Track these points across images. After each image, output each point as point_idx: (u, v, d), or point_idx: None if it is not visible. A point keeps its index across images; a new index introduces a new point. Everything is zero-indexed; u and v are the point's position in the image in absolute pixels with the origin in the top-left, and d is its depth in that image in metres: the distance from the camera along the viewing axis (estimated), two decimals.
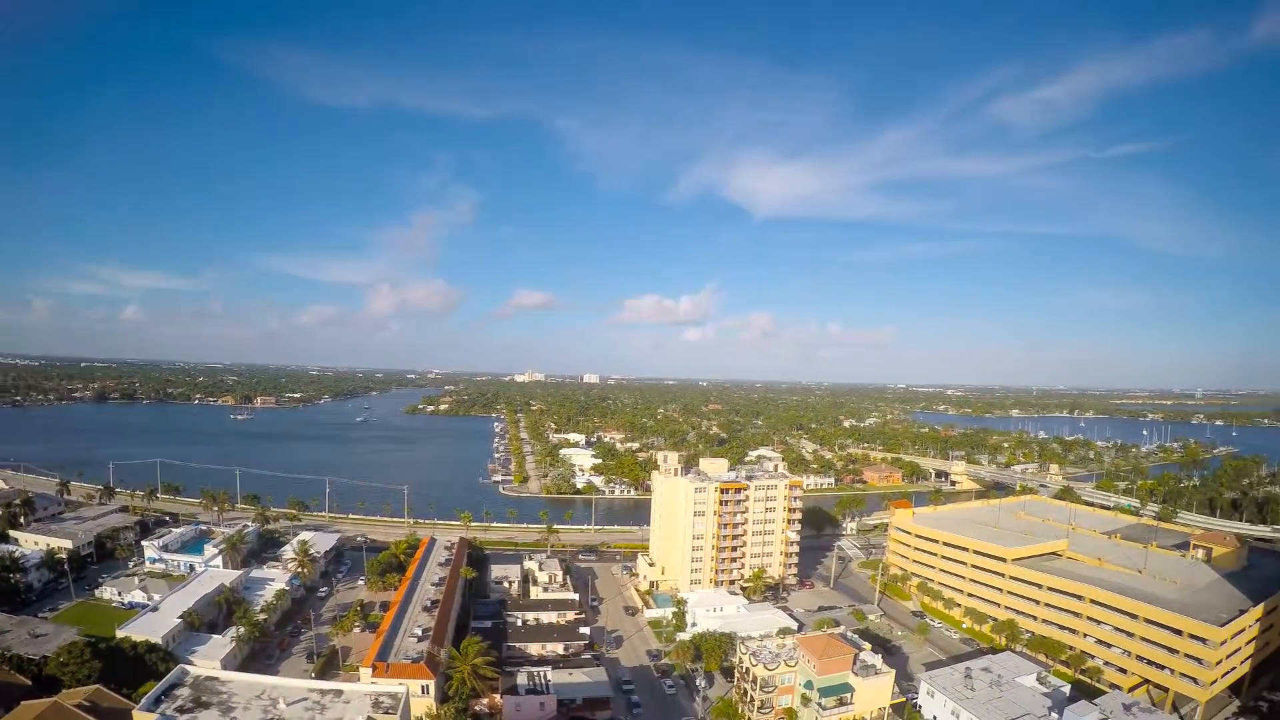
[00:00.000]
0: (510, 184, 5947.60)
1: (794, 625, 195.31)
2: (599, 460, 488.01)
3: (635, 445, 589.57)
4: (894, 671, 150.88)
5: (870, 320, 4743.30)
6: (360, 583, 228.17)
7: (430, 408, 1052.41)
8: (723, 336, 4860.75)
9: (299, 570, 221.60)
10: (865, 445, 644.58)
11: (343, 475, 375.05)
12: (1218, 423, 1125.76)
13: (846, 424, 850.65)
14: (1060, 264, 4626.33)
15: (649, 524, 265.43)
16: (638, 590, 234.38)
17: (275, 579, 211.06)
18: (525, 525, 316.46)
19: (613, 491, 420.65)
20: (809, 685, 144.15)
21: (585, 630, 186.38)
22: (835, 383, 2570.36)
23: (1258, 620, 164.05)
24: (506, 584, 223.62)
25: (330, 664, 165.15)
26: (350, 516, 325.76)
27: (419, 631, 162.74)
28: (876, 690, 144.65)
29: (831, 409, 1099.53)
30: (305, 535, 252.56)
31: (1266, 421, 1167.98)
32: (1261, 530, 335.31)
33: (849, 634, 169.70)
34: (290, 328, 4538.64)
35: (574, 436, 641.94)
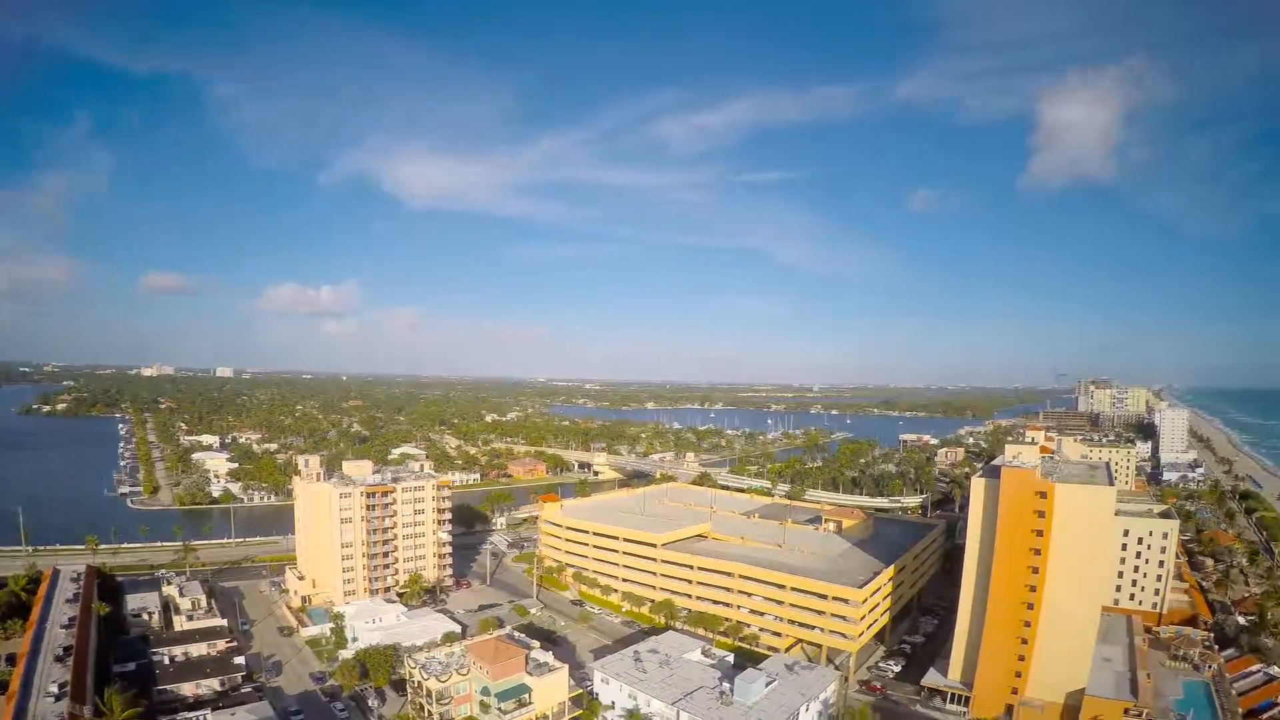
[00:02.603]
0: (153, 149, 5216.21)
1: (457, 629, 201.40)
2: (236, 464, 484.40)
3: (274, 446, 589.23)
4: (566, 665, 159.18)
5: (517, 316, 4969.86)
6: None
7: (46, 407, 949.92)
8: (366, 329, 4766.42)
9: None
10: (509, 439, 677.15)
11: None
12: (834, 412, 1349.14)
13: (489, 418, 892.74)
14: (700, 271, 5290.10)
15: (295, 533, 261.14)
16: (290, 608, 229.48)
17: None
18: (160, 544, 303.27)
19: (252, 499, 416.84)
20: (485, 692, 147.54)
21: (240, 660, 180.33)
22: (477, 377, 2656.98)
23: (890, 579, 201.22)
24: (147, 615, 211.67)
25: None
26: None
27: (55, 689, 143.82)
28: (553, 686, 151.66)
29: (474, 404, 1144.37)
30: None
31: (875, 411, 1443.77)
32: (880, 502, 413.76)
33: (516, 634, 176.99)
34: None
35: (207, 438, 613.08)
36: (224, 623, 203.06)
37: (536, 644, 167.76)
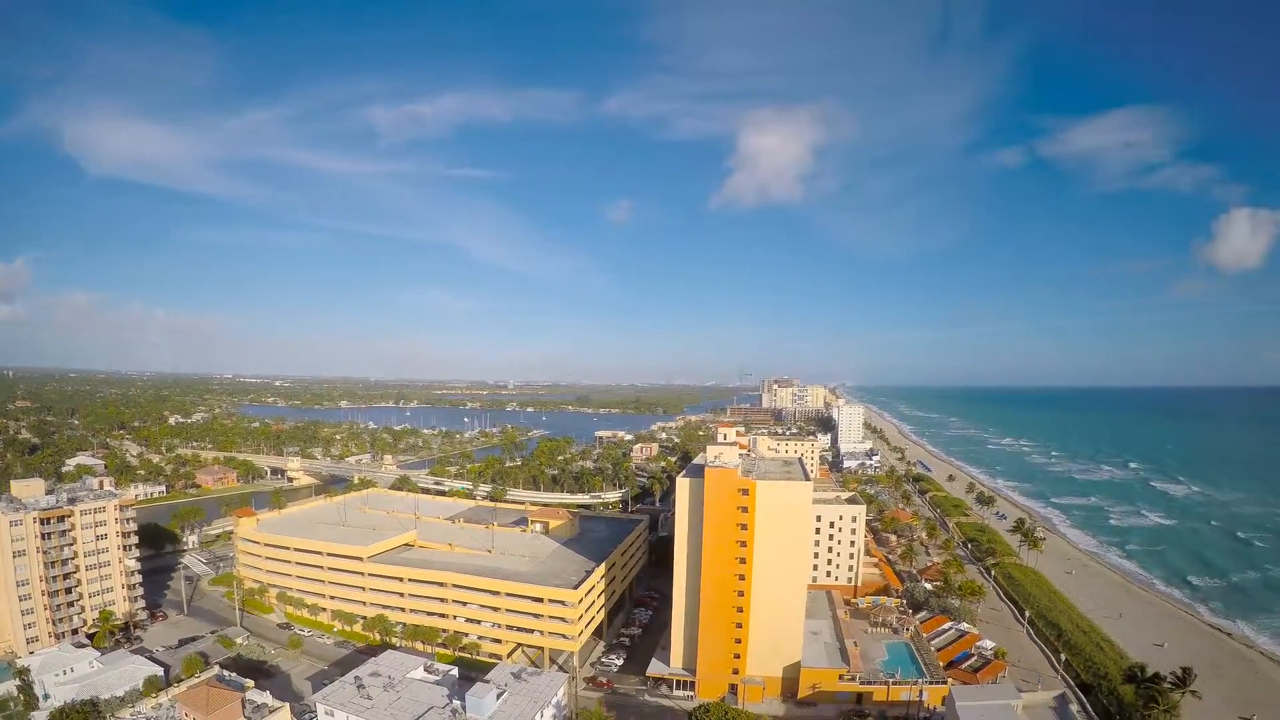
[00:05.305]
0: None
1: (160, 671, 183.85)
2: None
3: None
4: (288, 704, 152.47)
5: (203, 306, 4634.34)
6: None
7: None
8: (37, 315, 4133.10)
9: None
10: (195, 444, 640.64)
11: None
12: (529, 410, 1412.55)
13: (173, 420, 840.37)
14: (397, 263, 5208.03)
15: None
16: None
17: None
18: None
19: None
20: None
21: None
22: (158, 372, 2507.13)
23: (603, 577, 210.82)
24: None
25: None
26: None
27: None
28: None
29: (156, 403, 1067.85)
30: None
31: (570, 408, 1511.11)
32: (582, 498, 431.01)
33: (226, 673, 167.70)
34: None
35: None
36: None
37: (251, 682, 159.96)
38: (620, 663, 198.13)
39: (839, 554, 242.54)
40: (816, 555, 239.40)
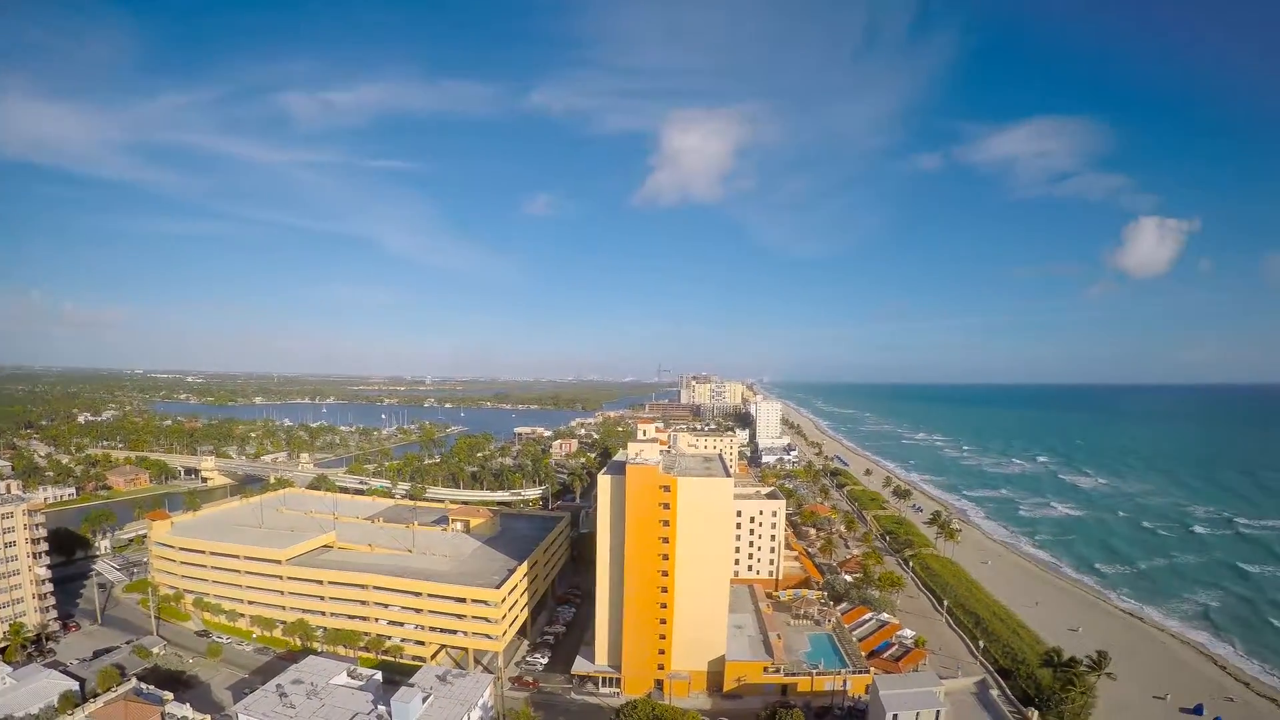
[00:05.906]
0: None
1: (75, 685, 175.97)
2: None
3: None
4: (208, 717, 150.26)
5: (111, 297, 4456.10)
6: None
7: None
8: None
9: None
10: (106, 444, 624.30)
11: None
12: (447, 405, 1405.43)
13: (82, 419, 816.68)
14: (314, 256, 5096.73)
15: None
16: None
17: None
18: None
19: None
20: None
21: None
22: (66, 367, 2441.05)
23: (525, 575, 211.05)
24: None
25: None
26: None
27: None
28: None
29: (64, 400, 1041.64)
30: None
31: (489, 404, 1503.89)
32: (502, 495, 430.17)
33: (144, 686, 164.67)
34: None
35: None
36: None
37: (170, 695, 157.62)
38: (545, 661, 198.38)
39: (760, 548, 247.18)
40: (738, 550, 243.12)
